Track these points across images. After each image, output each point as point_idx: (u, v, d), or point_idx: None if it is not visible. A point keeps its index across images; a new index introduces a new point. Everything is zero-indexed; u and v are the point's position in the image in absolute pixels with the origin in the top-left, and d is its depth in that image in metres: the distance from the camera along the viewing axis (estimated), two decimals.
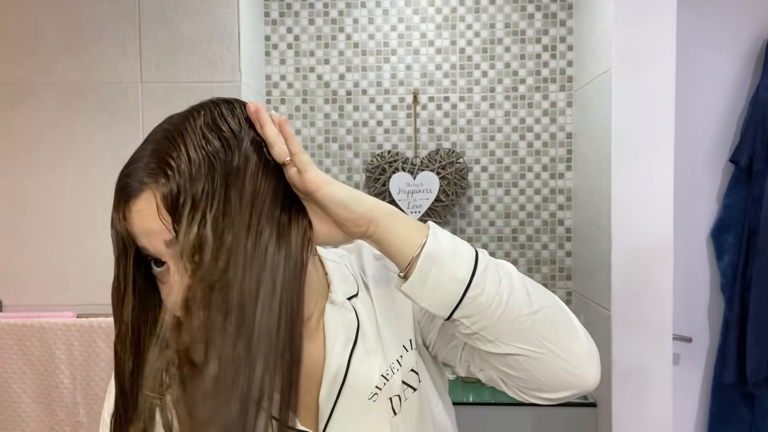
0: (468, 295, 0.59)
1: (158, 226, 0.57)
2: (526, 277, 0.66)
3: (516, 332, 0.61)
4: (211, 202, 0.55)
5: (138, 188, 0.58)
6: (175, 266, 0.58)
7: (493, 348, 0.62)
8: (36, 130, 1.85)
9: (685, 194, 2.00)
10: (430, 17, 2.24)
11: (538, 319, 0.61)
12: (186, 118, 0.61)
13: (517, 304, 0.61)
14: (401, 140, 2.26)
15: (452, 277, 0.59)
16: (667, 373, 1.70)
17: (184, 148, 0.58)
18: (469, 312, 0.60)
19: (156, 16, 1.84)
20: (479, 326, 0.61)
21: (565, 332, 0.63)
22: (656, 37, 1.68)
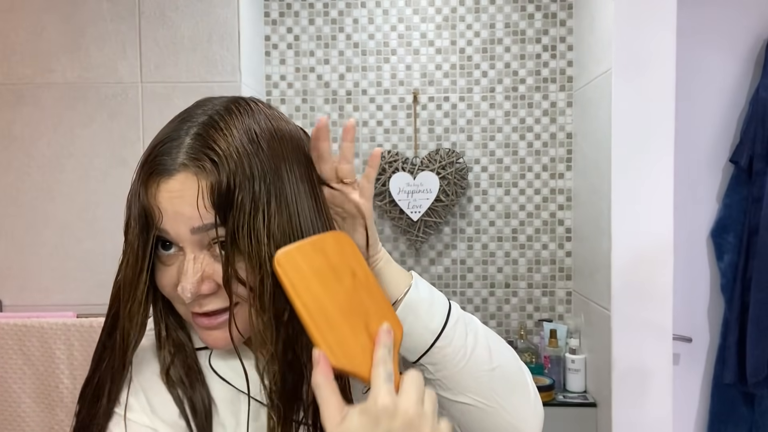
0: (436, 345, 0.64)
1: (190, 211, 0.55)
2: (491, 332, 0.70)
3: (472, 385, 0.65)
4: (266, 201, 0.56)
5: (175, 168, 0.56)
6: (192, 252, 0.57)
7: (449, 395, 0.66)
8: (36, 130, 1.85)
9: (685, 194, 2.00)
10: (430, 17, 2.24)
11: (495, 376, 0.66)
12: (231, 109, 0.60)
13: (479, 359, 0.65)
14: (401, 140, 2.26)
15: (425, 326, 0.64)
16: (667, 373, 1.70)
17: (231, 138, 0.57)
18: (434, 360, 0.64)
19: (156, 16, 1.84)
20: (441, 374, 0.65)
21: (516, 391, 0.68)
22: (656, 37, 1.68)
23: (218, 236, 0.57)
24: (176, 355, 0.63)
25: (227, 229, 0.56)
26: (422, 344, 0.64)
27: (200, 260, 0.57)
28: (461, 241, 2.27)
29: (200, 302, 0.59)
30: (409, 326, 0.62)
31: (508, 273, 2.26)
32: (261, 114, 0.61)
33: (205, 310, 0.59)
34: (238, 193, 0.55)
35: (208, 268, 0.58)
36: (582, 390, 2.01)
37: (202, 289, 0.58)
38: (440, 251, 2.28)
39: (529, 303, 2.26)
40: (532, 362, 2.05)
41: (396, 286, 0.65)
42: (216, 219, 0.56)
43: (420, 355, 0.64)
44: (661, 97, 1.69)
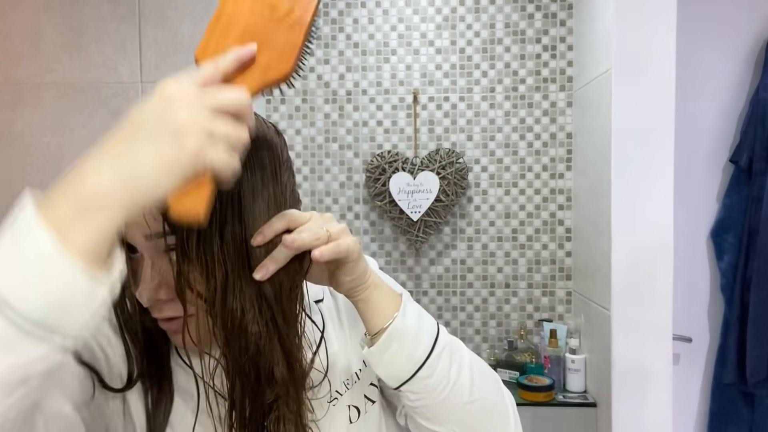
0: (418, 375, 0.63)
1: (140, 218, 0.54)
2: (476, 360, 0.69)
3: (452, 416, 0.65)
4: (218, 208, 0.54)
5: None
6: (150, 258, 0.57)
7: (428, 424, 0.66)
8: (36, 130, 1.85)
9: (685, 194, 2.00)
10: (430, 17, 2.24)
11: (475, 408, 0.66)
12: None
13: (460, 390, 0.65)
14: (401, 140, 2.26)
15: (408, 356, 0.63)
16: (667, 373, 1.70)
17: None
18: (415, 389, 0.64)
19: (156, 16, 1.84)
20: (421, 403, 0.65)
21: (495, 422, 0.69)
22: (656, 37, 1.68)
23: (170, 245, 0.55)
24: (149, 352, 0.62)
25: (177, 237, 0.54)
26: (405, 373, 0.63)
27: (158, 266, 0.57)
28: (461, 241, 2.27)
29: (159, 307, 0.59)
30: (392, 354, 0.63)
31: (508, 273, 2.26)
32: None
33: (163, 316, 0.59)
34: None
35: (166, 274, 0.57)
36: (582, 390, 2.01)
37: (159, 294, 0.57)
38: (440, 251, 2.28)
39: (529, 303, 2.26)
40: (532, 362, 2.05)
41: (383, 312, 0.64)
42: (164, 227, 0.54)
43: (402, 383, 0.64)
44: (661, 97, 1.69)
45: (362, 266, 0.63)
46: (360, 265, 0.62)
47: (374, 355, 0.63)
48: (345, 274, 0.62)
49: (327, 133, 2.27)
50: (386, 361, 0.63)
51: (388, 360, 0.63)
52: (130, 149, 0.45)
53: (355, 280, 0.63)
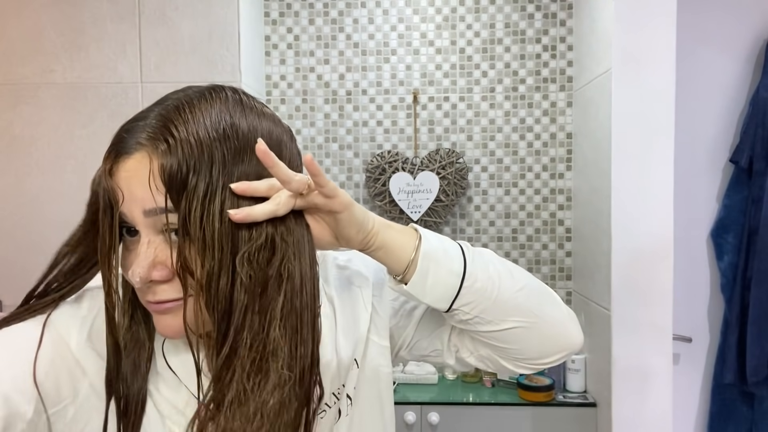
0: (465, 285, 0.65)
1: (142, 192, 0.54)
2: (503, 259, 0.72)
3: (510, 309, 0.68)
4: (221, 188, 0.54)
5: (133, 147, 0.55)
6: (146, 237, 0.55)
7: (492, 327, 0.68)
8: (36, 130, 1.85)
9: (685, 194, 2.00)
10: (430, 17, 2.24)
11: (526, 294, 0.69)
12: (203, 95, 0.58)
13: (507, 284, 0.68)
14: (401, 140, 2.26)
15: (448, 271, 0.65)
16: (667, 373, 1.70)
17: (194, 122, 0.55)
18: (468, 300, 0.66)
19: (156, 16, 1.84)
20: (478, 310, 0.67)
21: (547, 302, 0.71)
22: (656, 37, 1.68)
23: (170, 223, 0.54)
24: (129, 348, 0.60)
25: (179, 212, 0.53)
26: (451, 288, 0.65)
27: (154, 245, 0.55)
28: None
29: (153, 290, 0.56)
30: (433, 276, 0.64)
31: None
32: (236, 105, 0.59)
33: (157, 299, 0.57)
34: (192, 176, 0.53)
35: (161, 253, 0.55)
36: (582, 390, 2.01)
37: (153, 275, 0.55)
38: None
39: None
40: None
41: (404, 246, 0.65)
42: (167, 200, 0.53)
43: (452, 300, 0.65)
44: (661, 97, 1.69)
45: (359, 214, 0.62)
46: (356, 213, 0.61)
47: (417, 285, 0.64)
48: (345, 227, 0.61)
49: (327, 133, 2.27)
50: (431, 285, 0.64)
51: (432, 283, 0.64)
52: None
53: (360, 231, 0.62)
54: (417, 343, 0.77)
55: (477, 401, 1.94)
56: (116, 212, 0.55)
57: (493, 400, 1.95)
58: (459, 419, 1.91)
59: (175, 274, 0.55)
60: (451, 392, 2.01)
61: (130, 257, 0.57)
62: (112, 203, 0.55)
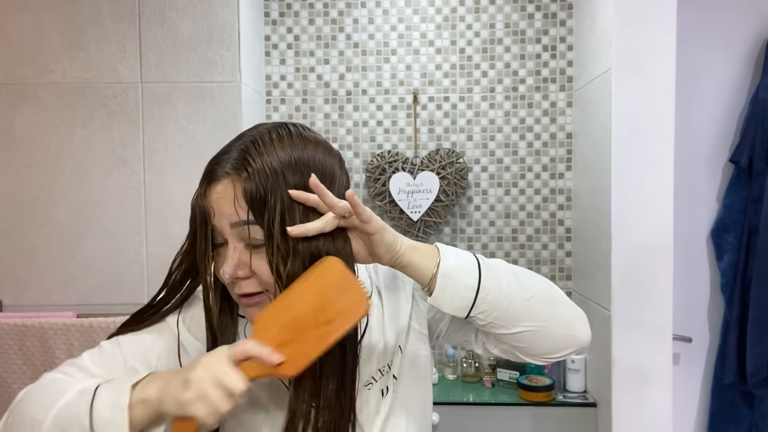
0: (479, 297, 0.77)
1: (230, 209, 0.71)
2: (516, 268, 0.84)
3: (521, 315, 0.80)
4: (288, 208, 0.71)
5: (220, 175, 0.72)
6: (233, 243, 0.72)
7: (506, 330, 0.80)
8: (36, 130, 1.85)
9: (685, 194, 2.00)
10: (430, 17, 2.24)
11: (535, 302, 0.80)
12: (273, 131, 0.75)
13: (516, 294, 0.79)
14: (401, 140, 2.26)
15: (464, 286, 0.77)
16: (667, 373, 1.70)
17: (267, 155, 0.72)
18: (482, 309, 0.78)
19: (156, 16, 1.84)
20: (492, 317, 0.79)
21: (556, 306, 0.83)
22: (656, 37, 1.68)
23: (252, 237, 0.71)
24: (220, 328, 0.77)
25: (264, 226, 0.70)
26: (467, 301, 0.77)
27: (238, 250, 0.72)
28: (461, 241, 2.27)
29: (239, 284, 0.74)
30: (451, 292, 0.77)
31: None
32: (298, 139, 0.75)
33: (242, 292, 0.74)
34: (270, 197, 0.70)
35: (244, 256, 0.72)
36: (582, 390, 2.01)
37: (238, 273, 0.72)
38: None
39: None
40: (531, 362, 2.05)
41: (426, 265, 0.77)
42: (248, 216, 0.70)
43: (469, 310, 0.77)
44: (661, 97, 1.69)
45: (390, 238, 0.75)
46: (386, 236, 0.74)
47: (438, 299, 0.77)
48: (377, 247, 0.74)
49: (327, 133, 2.27)
50: (449, 299, 0.77)
51: (449, 298, 0.77)
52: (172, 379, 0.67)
53: (388, 251, 0.75)
54: (451, 334, 0.90)
55: (477, 401, 1.94)
56: (209, 225, 0.73)
57: (493, 400, 1.95)
58: (459, 419, 1.91)
59: (253, 272, 0.72)
60: (451, 392, 2.01)
61: (220, 260, 0.74)
62: (206, 218, 0.73)
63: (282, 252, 0.71)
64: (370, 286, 0.87)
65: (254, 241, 0.71)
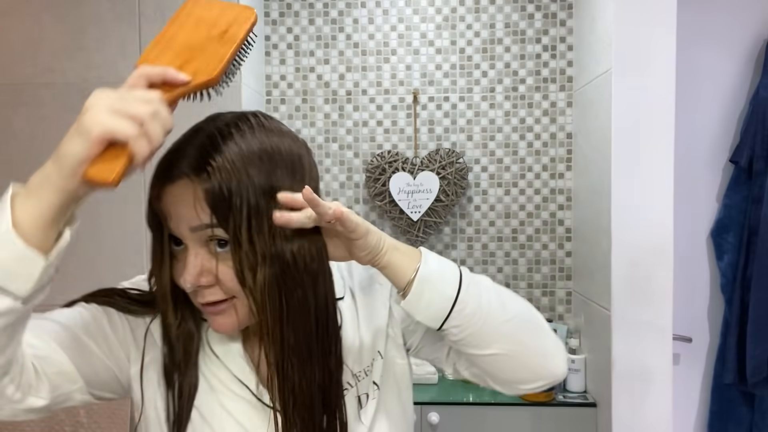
0: (455, 309, 0.70)
1: (189, 212, 0.64)
2: (501, 288, 0.77)
3: (496, 336, 0.73)
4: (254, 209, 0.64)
5: (176, 175, 0.65)
6: (194, 249, 0.66)
7: (477, 350, 0.73)
8: (36, 130, 1.85)
9: (685, 194, 2.00)
10: (430, 17, 2.24)
11: (513, 325, 0.73)
12: (232, 125, 0.68)
13: (495, 314, 0.72)
14: (401, 140, 2.26)
15: (441, 295, 0.71)
16: (667, 373, 1.70)
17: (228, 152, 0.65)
18: (456, 323, 0.71)
19: (156, 16, 1.84)
20: (465, 334, 0.72)
21: (534, 333, 0.76)
22: (656, 37, 1.68)
23: (214, 235, 0.65)
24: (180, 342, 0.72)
25: (229, 229, 0.64)
26: (442, 311, 0.70)
27: (200, 256, 0.66)
28: (461, 241, 2.27)
29: (202, 293, 0.68)
30: (427, 298, 0.70)
31: (508, 273, 2.26)
32: (261, 130, 0.69)
33: (206, 300, 0.68)
34: (235, 197, 0.63)
35: (207, 263, 0.66)
36: (582, 390, 2.01)
37: (201, 281, 0.66)
38: (440, 251, 2.27)
39: None
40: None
41: (407, 268, 0.71)
42: (212, 219, 0.64)
43: (443, 321, 0.71)
44: (661, 97, 1.69)
45: (373, 241, 0.69)
46: (370, 240, 0.69)
47: (411, 303, 0.71)
48: (359, 250, 0.69)
49: (327, 133, 2.27)
50: (424, 306, 0.70)
51: (425, 304, 0.70)
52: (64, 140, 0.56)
53: (370, 253, 0.70)
54: (422, 348, 0.84)
55: (477, 401, 1.94)
56: (166, 230, 0.67)
57: (493, 400, 1.95)
58: (459, 419, 1.91)
59: (218, 279, 0.67)
60: (451, 392, 2.01)
61: (179, 266, 0.69)
62: (162, 222, 0.67)
63: (250, 258, 0.65)
64: (342, 287, 0.81)
65: (218, 246, 0.66)
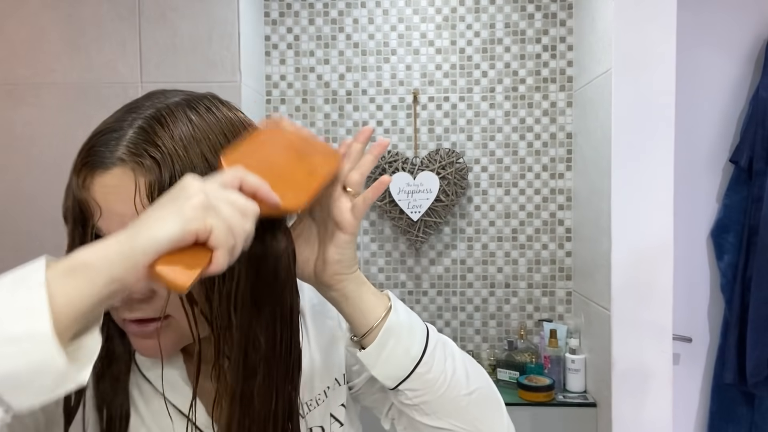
0: (417, 371, 0.61)
1: (125, 208, 0.51)
2: (466, 355, 0.68)
3: (452, 410, 0.64)
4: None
5: (111, 162, 0.52)
6: None
7: (428, 420, 0.64)
8: (36, 130, 1.85)
9: (685, 194, 2.00)
10: (430, 17, 2.24)
11: (473, 400, 0.65)
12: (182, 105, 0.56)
13: (458, 384, 0.64)
14: (401, 140, 2.26)
15: (405, 352, 0.61)
16: (667, 373, 1.70)
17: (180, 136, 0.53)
18: (414, 386, 0.62)
19: (156, 16, 1.84)
20: (421, 400, 0.63)
21: (492, 414, 0.67)
22: (656, 37, 1.68)
23: None
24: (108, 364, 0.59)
25: None
26: (403, 370, 0.61)
27: None
28: (461, 241, 2.27)
29: (131, 307, 0.55)
30: (389, 352, 0.61)
31: (508, 273, 2.26)
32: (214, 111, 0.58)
33: (135, 317, 0.55)
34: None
35: None
36: (582, 390, 2.01)
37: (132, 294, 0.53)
38: (440, 251, 2.28)
39: (529, 303, 2.26)
40: (532, 362, 2.05)
41: (373, 309, 0.61)
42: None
43: (400, 381, 0.62)
44: (661, 97, 1.69)
45: (353, 250, 0.60)
46: (352, 246, 0.60)
47: (371, 355, 0.61)
48: (336, 250, 0.59)
49: (327, 133, 2.27)
50: (383, 360, 0.61)
51: (385, 359, 0.61)
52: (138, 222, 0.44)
53: (341, 262, 0.59)
54: (362, 394, 0.74)
55: None
56: (90, 225, 0.53)
57: None
58: None
59: (153, 293, 0.54)
60: None
61: None
62: (86, 218, 0.53)
63: None
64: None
65: None
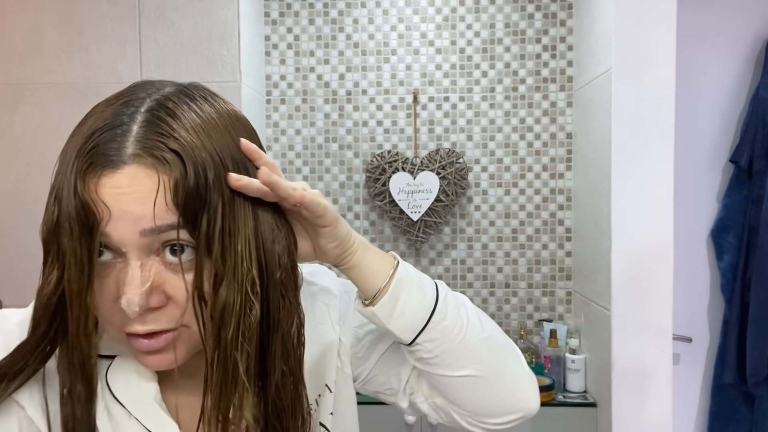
0: (433, 320, 0.62)
1: (142, 210, 0.47)
2: (476, 306, 0.70)
3: (472, 355, 0.64)
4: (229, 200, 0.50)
5: (123, 160, 0.47)
6: (138, 259, 0.48)
7: (450, 371, 0.64)
8: (36, 130, 1.85)
9: (685, 194, 2.00)
10: (430, 17, 2.24)
11: (490, 344, 0.66)
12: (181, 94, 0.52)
13: (474, 330, 0.65)
14: (401, 140, 2.26)
15: (419, 302, 0.62)
16: (667, 373, 1.70)
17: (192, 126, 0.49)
18: (432, 336, 0.63)
19: (156, 16, 1.84)
20: (441, 350, 0.63)
21: (510, 357, 0.68)
22: (656, 37, 1.68)
23: (173, 239, 0.48)
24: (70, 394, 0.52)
25: (199, 232, 0.48)
26: (419, 320, 0.62)
27: (148, 267, 0.49)
28: (461, 241, 2.27)
29: (144, 319, 0.50)
30: (403, 304, 0.62)
31: (508, 273, 2.26)
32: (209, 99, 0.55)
33: (148, 329, 0.50)
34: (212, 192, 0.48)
35: (158, 277, 0.49)
36: (582, 390, 2.01)
37: (150, 301, 0.49)
38: (440, 251, 2.28)
39: (529, 303, 2.26)
40: (532, 362, 2.05)
41: (382, 268, 0.62)
42: (179, 220, 0.47)
43: (418, 333, 0.62)
44: (661, 97, 1.69)
45: (344, 230, 0.60)
46: (340, 228, 0.60)
47: (385, 308, 0.61)
48: (328, 240, 0.59)
49: (327, 133, 2.27)
50: (399, 313, 0.61)
51: (400, 311, 0.61)
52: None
53: (339, 245, 0.60)
54: (374, 378, 0.72)
55: None
56: (97, 233, 0.47)
57: None
58: None
59: (168, 298, 0.50)
60: None
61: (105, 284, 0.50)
62: (92, 221, 0.47)
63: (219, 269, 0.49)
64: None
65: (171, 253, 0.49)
